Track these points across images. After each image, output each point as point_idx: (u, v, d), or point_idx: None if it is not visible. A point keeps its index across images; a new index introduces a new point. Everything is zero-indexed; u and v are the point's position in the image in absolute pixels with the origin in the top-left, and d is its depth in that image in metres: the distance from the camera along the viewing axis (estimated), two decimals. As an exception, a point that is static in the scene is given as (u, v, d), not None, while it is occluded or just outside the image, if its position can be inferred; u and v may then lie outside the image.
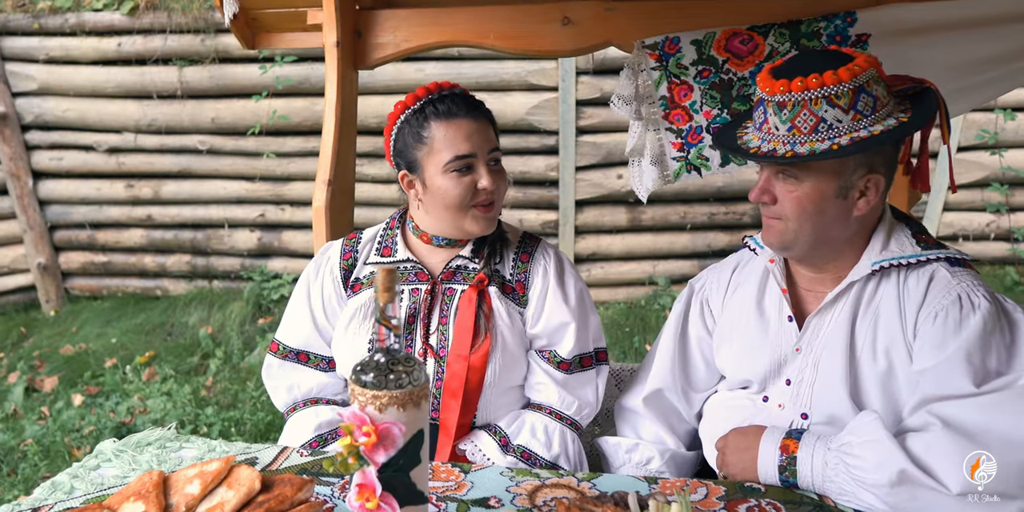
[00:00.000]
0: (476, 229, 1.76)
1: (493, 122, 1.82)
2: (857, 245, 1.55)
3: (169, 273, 5.80)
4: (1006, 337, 1.40)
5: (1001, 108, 4.86)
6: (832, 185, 1.47)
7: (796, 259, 1.62)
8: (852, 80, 1.41)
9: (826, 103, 1.41)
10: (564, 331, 1.80)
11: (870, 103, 1.43)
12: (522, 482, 1.48)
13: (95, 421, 4.33)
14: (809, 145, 1.42)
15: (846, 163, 1.46)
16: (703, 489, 1.45)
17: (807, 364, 1.56)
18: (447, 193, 1.72)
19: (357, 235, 1.92)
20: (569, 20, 2.48)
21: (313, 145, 5.29)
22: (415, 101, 1.75)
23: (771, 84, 1.45)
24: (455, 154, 1.70)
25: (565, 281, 1.84)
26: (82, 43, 5.33)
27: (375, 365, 1.17)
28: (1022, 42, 2.28)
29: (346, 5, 2.46)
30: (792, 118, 1.44)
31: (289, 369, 1.88)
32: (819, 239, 1.52)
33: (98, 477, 1.50)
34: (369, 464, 1.15)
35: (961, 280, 1.46)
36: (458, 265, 1.81)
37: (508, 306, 1.80)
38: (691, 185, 5.03)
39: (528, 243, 1.89)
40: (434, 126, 1.72)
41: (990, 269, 5.15)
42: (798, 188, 1.48)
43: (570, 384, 1.81)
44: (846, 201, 1.49)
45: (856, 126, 1.42)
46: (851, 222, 1.51)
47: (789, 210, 1.50)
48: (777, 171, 1.51)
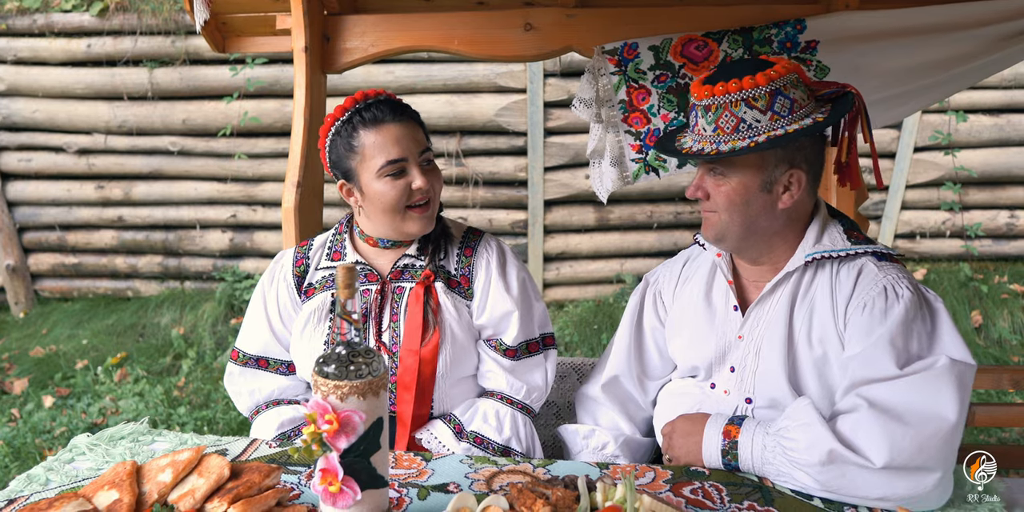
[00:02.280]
0: (415, 229, 1.83)
1: (421, 123, 1.87)
2: (791, 239, 1.66)
3: (140, 274, 5.80)
4: (927, 324, 1.51)
5: (954, 110, 5.02)
6: (756, 180, 1.58)
7: (731, 250, 1.73)
8: (769, 84, 1.52)
9: (745, 105, 1.53)
10: (508, 319, 1.88)
11: (787, 105, 1.54)
12: (480, 469, 1.55)
13: (66, 422, 4.34)
14: (731, 143, 1.54)
15: (767, 159, 1.58)
16: (651, 473, 1.54)
17: (749, 351, 1.67)
18: (383, 197, 1.78)
19: (309, 242, 1.99)
20: (531, 26, 2.56)
21: (284, 146, 5.32)
22: (343, 113, 1.81)
23: (699, 90, 1.58)
24: (387, 159, 1.76)
25: (507, 271, 1.92)
26: (51, 44, 5.32)
27: (336, 357, 1.24)
28: (962, 49, 2.40)
29: (314, 11, 2.52)
30: (716, 119, 1.56)
31: (250, 375, 1.94)
32: (748, 230, 1.63)
33: (73, 470, 1.56)
34: (332, 450, 1.22)
35: (887, 273, 1.57)
36: (405, 264, 1.89)
37: (455, 300, 1.88)
38: (657, 185, 5.13)
39: (471, 238, 1.96)
40: (363, 134, 1.78)
41: (946, 266, 5.31)
42: (726, 183, 1.60)
43: (518, 370, 1.90)
44: (770, 195, 1.60)
45: (774, 126, 1.53)
46: (777, 214, 1.62)
47: (720, 203, 1.61)
48: (708, 169, 1.63)
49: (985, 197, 5.22)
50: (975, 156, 5.10)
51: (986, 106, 5.07)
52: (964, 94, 5.00)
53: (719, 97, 1.54)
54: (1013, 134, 5.07)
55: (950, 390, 1.40)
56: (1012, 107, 5.08)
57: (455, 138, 5.21)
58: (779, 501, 1.43)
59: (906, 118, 4.99)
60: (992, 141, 5.09)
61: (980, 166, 5.09)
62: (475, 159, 5.25)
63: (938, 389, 1.40)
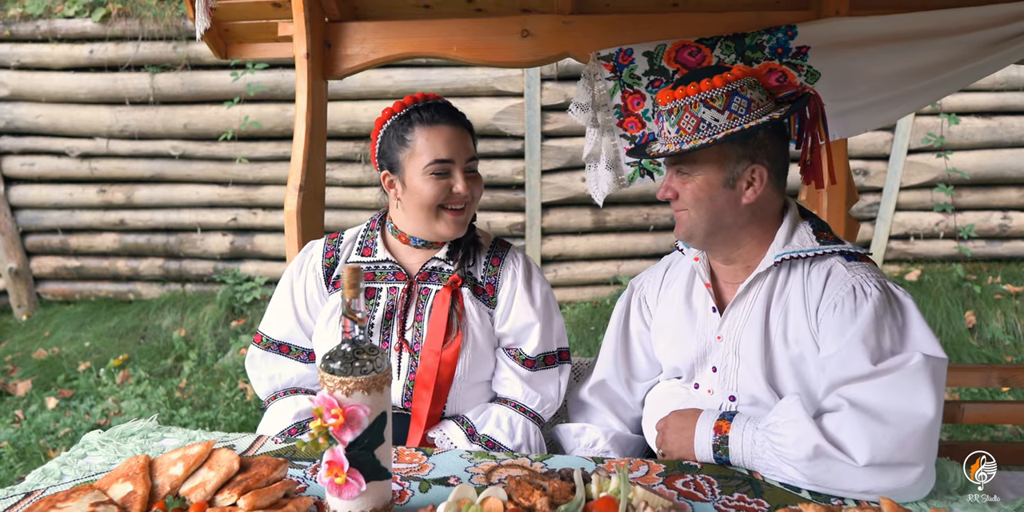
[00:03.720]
0: (447, 231, 1.89)
1: (472, 133, 1.95)
2: (760, 237, 1.72)
3: (142, 277, 5.85)
4: (898, 320, 1.56)
5: (946, 113, 5.08)
6: (719, 176, 1.66)
7: (700, 247, 1.79)
8: (725, 85, 1.60)
9: (703, 106, 1.60)
10: (530, 331, 1.94)
11: (744, 104, 1.61)
12: (480, 463, 1.61)
13: (70, 423, 4.39)
14: (692, 142, 1.62)
15: (728, 155, 1.65)
16: (644, 467, 1.59)
17: (728, 351, 1.72)
18: (423, 193, 1.84)
19: (339, 235, 2.04)
20: (528, 32, 2.61)
21: (284, 150, 5.38)
22: (401, 108, 1.89)
23: (662, 96, 1.66)
24: (434, 157, 1.84)
25: (532, 285, 1.97)
26: (54, 50, 5.38)
27: (342, 354, 1.29)
28: (950, 54, 2.45)
29: (316, 18, 2.58)
30: (678, 121, 1.64)
31: (271, 360, 1.99)
32: (714, 225, 1.69)
33: (86, 465, 1.61)
34: (337, 443, 1.27)
35: (856, 273, 1.62)
36: (433, 266, 1.94)
37: (479, 306, 1.93)
38: (652, 188, 5.18)
39: (499, 248, 2.02)
40: (417, 131, 1.85)
41: (940, 267, 5.37)
42: (691, 181, 1.67)
43: (534, 380, 1.95)
44: (734, 190, 1.67)
45: (732, 124, 1.61)
46: (742, 210, 1.68)
47: (687, 200, 1.68)
48: (675, 170, 1.70)
49: (978, 199, 5.28)
50: (968, 158, 5.16)
51: (978, 109, 5.14)
52: (956, 97, 5.06)
53: (679, 100, 1.62)
54: (1005, 136, 5.13)
55: (926, 387, 1.45)
56: (1004, 110, 5.15)
57: (454, 142, 5.25)
58: (768, 493, 1.48)
59: (899, 121, 5.05)
60: (984, 143, 5.16)
61: (973, 168, 5.15)
62: (473, 162, 5.29)
63: (915, 387, 1.45)
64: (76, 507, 1.30)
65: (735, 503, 1.45)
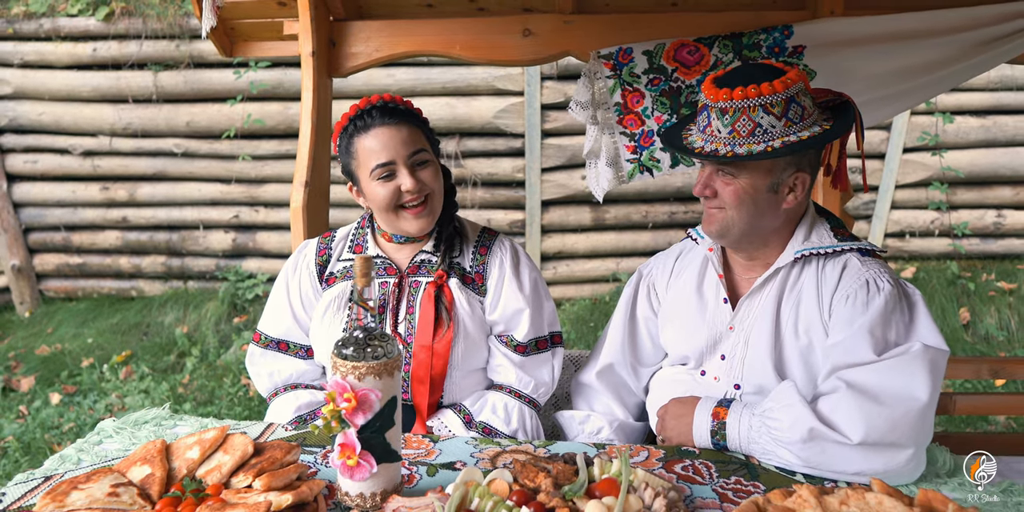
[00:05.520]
0: (411, 228, 1.93)
1: (419, 124, 1.95)
2: (783, 236, 1.76)
3: (144, 274, 5.89)
4: (906, 315, 1.61)
5: (941, 111, 5.14)
6: (765, 181, 1.67)
7: (730, 246, 1.82)
8: (785, 91, 1.60)
9: (762, 110, 1.60)
10: (520, 317, 1.98)
11: (799, 112, 1.63)
12: (485, 448, 1.66)
13: (74, 418, 4.43)
14: (747, 147, 1.62)
15: (777, 163, 1.67)
16: (644, 452, 1.64)
17: (739, 341, 1.77)
18: (377, 198, 1.89)
19: (332, 234, 2.10)
20: (530, 32, 2.66)
21: (287, 148, 5.42)
22: (346, 120, 1.93)
23: (715, 92, 1.63)
24: (376, 163, 1.87)
25: (520, 271, 2.02)
26: (57, 48, 5.42)
27: (354, 340, 1.34)
28: (942, 54, 2.50)
29: (321, 17, 2.62)
30: (733, 123, 1.63)
31: (270, 357, 2.05)
32: (752, 226, 1.72)
33: (102, 450, 1.66)
34: (350, 426, 1.32)
35: (869, 268, 1.67)
36: (422, 259, 1.99)
37: (468, 295, 1.97)
38: (652, 185, 5.24)
39: (486, 237, 2.06)
40: (357, 141, 1.89)
41: (935, 264, 5.42)
42: (735, 182, 1.68)
43: (527, 365, 2.00)
44: (777, 195, 1.69)
45: (787, 131, 1.62)
46: (780, 213, 1.72)
47: (728, 200, 1.69)
48: (717, 169, 1.70)
49: (972, 197, 5.33)
50: (962, 157, 5.21)
51: (973, 108, 5.19)
52: (951, 96, 5.12)
53: (737, 101, 1.60)
54: (999, 135, 5.18)
55: (923, 373, 1.50)
56: (998, 109, 5.20)
57: (454, 140, 5.31)
58: (764, 476, 1.53)
59: (895, 120, 5.10)
60: (979, 142, 5.21)
61: (967, 166, 5.21)
62: (474, 160, 5.35)
63: (912, 372, 1.50)
64: (97, 488, 1.34)
65: (732, 486, 1.50)
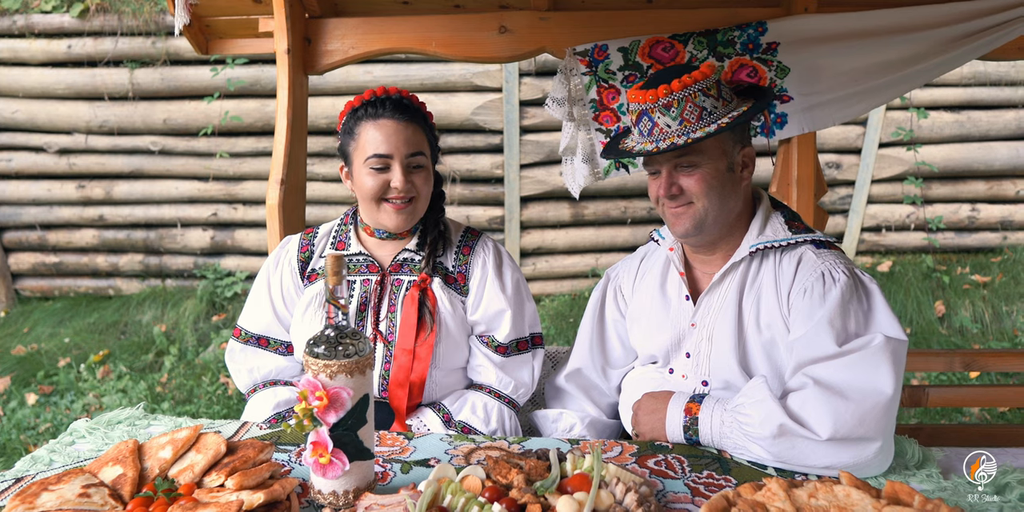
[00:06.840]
0: (390, 223, 1.94)
1: (426, 127, 1.97)
2: (740, 229, 1.79)
3: (122, 273, 5.84)
4: (863, 304, 1.63)
5: (916, 107, 5.19)
6: (723, 163, 1.73)
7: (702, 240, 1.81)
8: (712, 74, 1.69)
9: (702, 95, 1.67)
10: (501, 318, 1.99)
11: (728, 92, 1.73)
12: (459, 445, 1.66)
13: (51, 418, 4.40)
14: (701, 130, 1.67)
15: (727, 143, 1.73)
16: (618, 448, 1.65)
17: (702, 337, 1.79)
18: (364, 186, 1.90)
19: (314, 230, 2.09)
20: (506, 28, 2.66)
21: (264, 145, 5.40)
22: (359, 102, 1.95)
23: (652, 92, 1.67)
24: (373, 152, 1.88)
25: (503, 272, 2.02)
26: (31, 45, 5.36)
27: (326, 339, 1.34)
28: (914, 50, 2.53)
29: (296, 14, 2.61)
30: (681, 112, 1.67)
31: (250, 353, 2.04)
32: (722, 211, 1.75)
33: (74, 451, 1.65)
34: (322, 424, 1.32)
35: (824, 259, 1.70)
36: (405, 258, 1.99)
37: (450, 295, 1.98)
38: (630, 181, 5.26)
39: (469, 237, 2.07)
40: (363, 125, 1.91)
41: (911, 258, 5.48)
42: (698, 172, 1.72)
43: (507, 366, 2.01)
44: (734, 174, 1.75)
45: (727, 110, 1.70)
46: (741, 192, 1.77)
47: (696, 191, 1.72)
48: (675, 165, 1.73)
49: (947, 191, 5.40)
50: (937, 152, 5.27)
51: (947, 103, 5.25)
52: (926, 91, 5.17)
53: (677, 92, 1.65)
54: (973, 130, 5.24)
55: (886, 366, 1.52)
56: (972, 104, 5.26)
57: (433, 136, 5.30)
58: (736, 470, 1.55)
59: (870, 115, 5.15)
60: (953, 137, 5.27)
61: (942, 161, 5.27)
62: (452, 157, 5.34)
63: (875, 366, 1.52)
64: (68, 489, 1.34)
65: (704, 480, 1.51)
